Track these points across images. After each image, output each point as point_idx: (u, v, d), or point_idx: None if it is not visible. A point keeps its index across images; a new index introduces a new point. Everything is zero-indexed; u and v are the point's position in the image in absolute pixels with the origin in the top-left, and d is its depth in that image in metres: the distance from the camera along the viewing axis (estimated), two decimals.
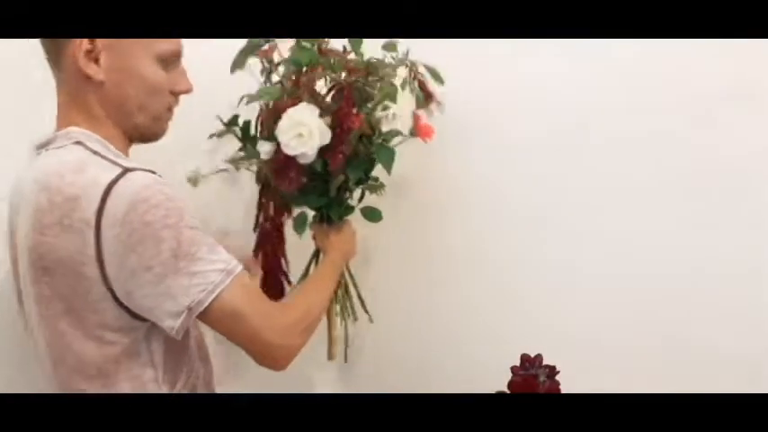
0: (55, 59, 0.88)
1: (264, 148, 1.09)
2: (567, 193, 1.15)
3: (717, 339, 1.02)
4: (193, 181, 1.15)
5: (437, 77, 1.14)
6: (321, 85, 1.10)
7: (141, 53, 0.89)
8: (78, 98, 0.89)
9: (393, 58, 1.10)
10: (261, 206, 1.23)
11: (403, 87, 1.08)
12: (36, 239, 0.83)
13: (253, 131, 1.14)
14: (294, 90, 1.07)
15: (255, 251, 1.23)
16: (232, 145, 1.16)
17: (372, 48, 1.11)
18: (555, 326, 1.17)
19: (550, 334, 1.13)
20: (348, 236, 1.19)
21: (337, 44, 1.11)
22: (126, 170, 0.82)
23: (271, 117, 1.07)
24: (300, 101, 1.06)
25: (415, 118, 1.12)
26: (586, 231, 1.14)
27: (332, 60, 1.08)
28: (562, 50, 1.11)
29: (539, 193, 1.18)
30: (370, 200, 1.20)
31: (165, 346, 0.89)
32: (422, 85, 1.13)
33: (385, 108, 1.05)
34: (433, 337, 1.33)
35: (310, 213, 1.18)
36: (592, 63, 1.10)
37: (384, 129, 1.07)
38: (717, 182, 1.02)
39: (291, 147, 1.04)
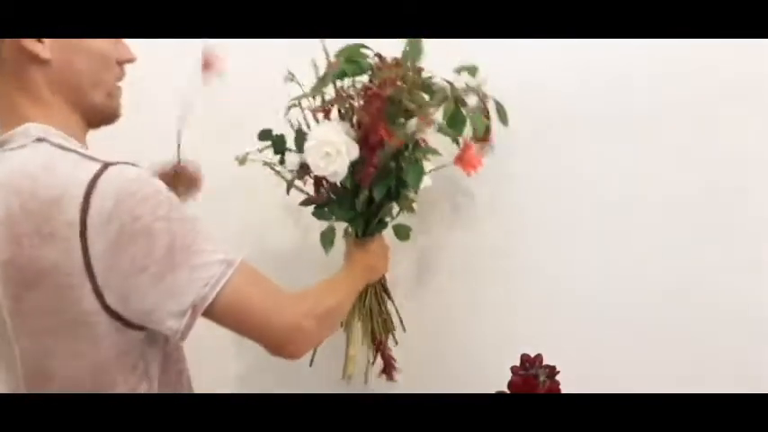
0: None
1: (291, 159, 1.07)
2: (566, 193, 1.15)
3: (717, 340, 1.02)
4: (241, 160, 1.11)
5: (503, 117, 1.07)
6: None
7: None
8: (25, 84, 0.81)
9: (467, 84, 1.04)
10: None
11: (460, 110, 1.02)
12: (12, 252, 0.75)
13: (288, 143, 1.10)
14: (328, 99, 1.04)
15: None
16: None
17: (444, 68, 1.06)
18: (555, 326, 1.17)
19: (550, 334, 1.13)
20: (374, 252, 1.12)
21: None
22: (106, 164, 0.75)
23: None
24: (331, 109, 1.04)
25: (466, 146, 1.05)
26: (586, 232, 1.14)
27: (368, 68, 1.03)
28: (561, 51, 1.11)
29: (539, 193, 1.18)
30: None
31: (161, 355, 0.85)
32: (486, 116, 1.06)
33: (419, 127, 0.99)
34: (433, 337, 1.33)
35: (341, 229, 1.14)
36: (591, 63, 1.10)
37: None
38: (717, 182, 1.01)
39: (321, 167, 1.01)
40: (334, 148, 0.99)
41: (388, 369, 1.25)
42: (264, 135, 1.11)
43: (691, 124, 1.03)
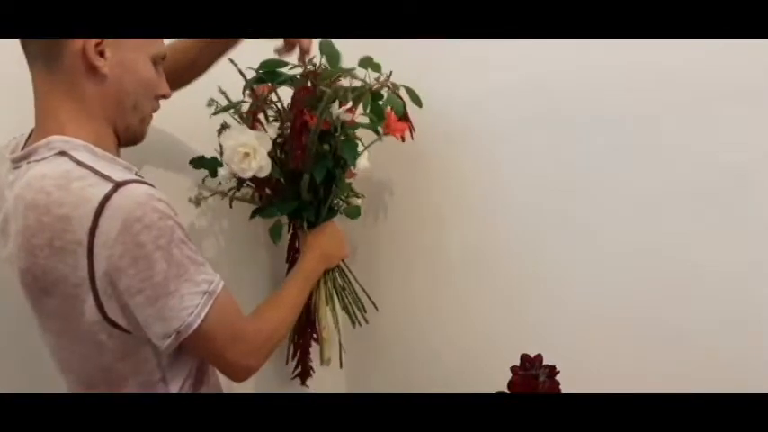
0: (51, 56, 0.83)
1: (222, 174, 1.12)
2: (566, 193, 1.15)
3: (717, 340, 1.02)
4: (196, 202, 1.17)
5: (416, 100, 1.16)
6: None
7: (140, 51, 0.89)
8: (75, 94, 0.85)
9: (377, 80, 1.12)
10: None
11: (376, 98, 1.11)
12: (29, 261, 0.81)
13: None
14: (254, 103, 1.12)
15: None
16: None
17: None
18: (555, 326, 1.17)
19: (550, 334, 1.13)
20: (327, 237, 1.18)
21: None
22: (117, 185, 0.79)
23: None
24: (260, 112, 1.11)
25: (388, 117, 1.14)
26: (586, 232, 1.14)
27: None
28: (559, 51, 1.11)
29: (538, 193, 1.18)
30: (374, 201, 1.20)
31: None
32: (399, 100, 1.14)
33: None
34: (433, 337, 1.33)
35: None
36: (590, 64, 1.10)
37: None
38: (717, 182, 1.01)
39: (245, 169, 1.07)
40: (248, 147, 1.06)
41: (303, 373, 1.30)
42: (198, 163, 1.17)
43: (691, 125, 1.03)
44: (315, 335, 1.26)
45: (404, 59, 1.15)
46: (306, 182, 1.11)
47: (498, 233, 1.23)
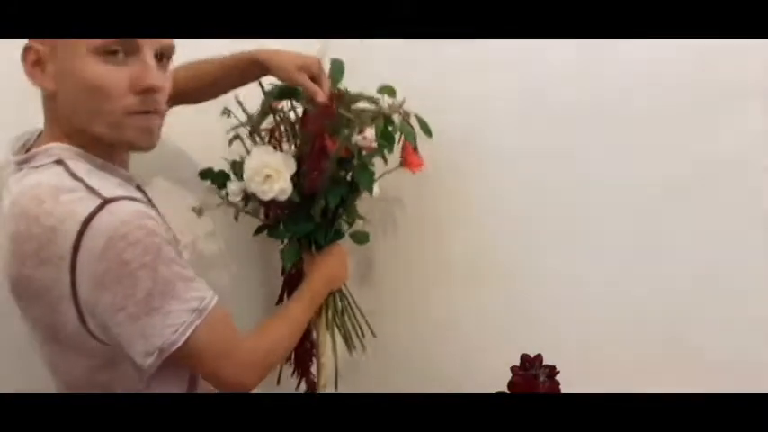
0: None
1: (232, 189, 1.10)
2: (566, 193, 1.15)
3: (717, 340, 1.02)
4: (198, 212, 1.16)
5: (426, 129, 1.16)
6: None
7: (74, 50, 0.79)
8: (47, 111, 0.85)
9: (389, 105, 1.12)
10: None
11: (389, 123, 1.11)
12: (17, 270, 0.80)
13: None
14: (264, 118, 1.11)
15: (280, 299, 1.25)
16: None
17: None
18: (555, 326, 1.17)
19: (550, 334, 1.13)
20: (334, 259, 1.16)
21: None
22: (105, 202, 0.77)
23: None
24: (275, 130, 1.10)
25: (406, 149, 1.14)
26: (586, 232, 1.14)
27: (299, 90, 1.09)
28: (558, 53, 1.11)
29: (538, 193, 1.18)
30: (376, 217, 1.20)
31: None
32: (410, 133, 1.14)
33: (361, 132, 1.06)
34: (433, 337, 1.33)
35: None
36: (590, 64, 1.10)
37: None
38: (717, 183, 1.01)
39: (267, 191, 1.05)
40: (272, 169, 1.04)
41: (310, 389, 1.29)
42: (205, 174, 1.15)
43: (691, 125, 1.03)
44: (313, 357, 1.25)
45: (402, 63, 1.15)
46: (320, 206, 1.10)
47: (499, 233, 1.23)
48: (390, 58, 1.22)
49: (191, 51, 1.00)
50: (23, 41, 0.84)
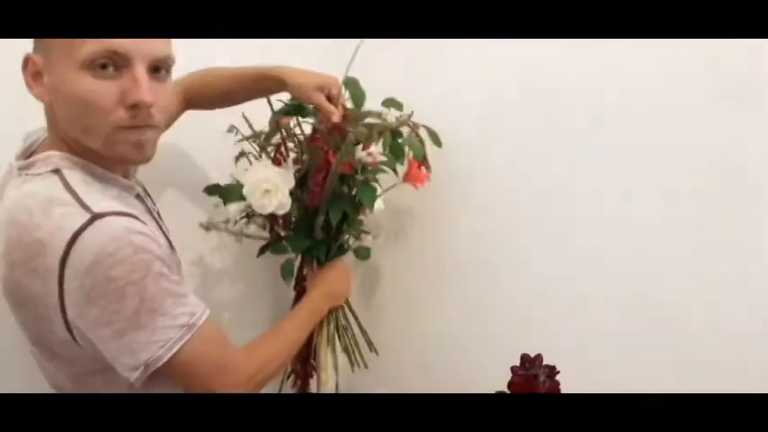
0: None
1: (233, 209, 1.11)
2: (565, 192, 1.15)
3: (717, 340, 1.02)
4: (206, 227, 1.16)
5: (436, 140, 1.16)
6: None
7: (65, 63, 0.78)
8: (48, 119, 0.85)
9: (396, 118, 1.12)
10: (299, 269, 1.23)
11: (396, 137, 1.11)
12: (8, 274, 0.81)
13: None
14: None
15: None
16: None
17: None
18: (555, 326, 1.17)
19: (550, 334, 1.13)
20: (336, 275, 1.16)
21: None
22: (94, 217, 0.76)
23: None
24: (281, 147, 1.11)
25: (410, 165, 1.15)
26: (585, 233, 1.14)
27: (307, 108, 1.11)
28: (558, 53, 1.11)
29: (537, 193, 1.18)
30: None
31: None
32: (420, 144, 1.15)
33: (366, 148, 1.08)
34: (433, 337, 1.33)
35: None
36: (589, 65, 1.10)
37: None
38: (716, 183, 1.01)
39: (266, 205, 1.05)
40: (270, 183, 1.05)
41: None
42: (212, 190, 1.16)
43: (691, 125, 1.03)
44: (313, 371, 1.24)
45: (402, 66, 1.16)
46: (321, 221, 1.10)
47: (499, 234, 1.23)
48: (392, 68, 1.24)
49: (196, 54, 1.01)
50: (23, 42, 0.84)
